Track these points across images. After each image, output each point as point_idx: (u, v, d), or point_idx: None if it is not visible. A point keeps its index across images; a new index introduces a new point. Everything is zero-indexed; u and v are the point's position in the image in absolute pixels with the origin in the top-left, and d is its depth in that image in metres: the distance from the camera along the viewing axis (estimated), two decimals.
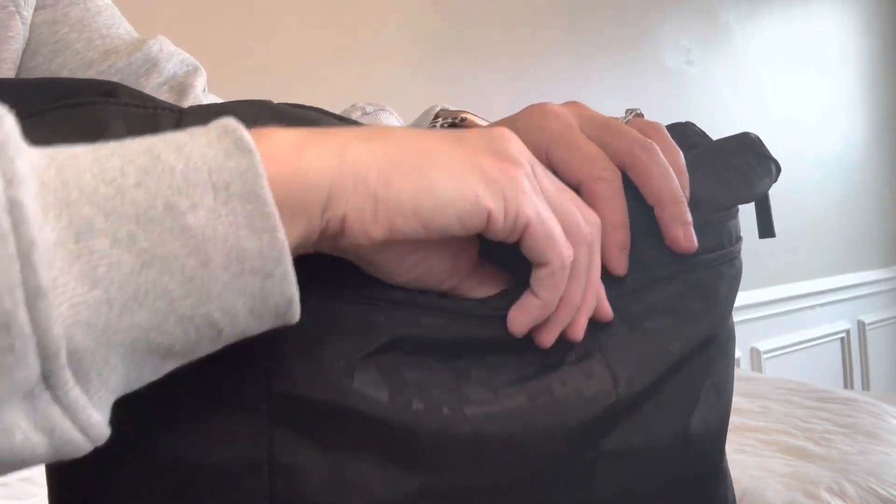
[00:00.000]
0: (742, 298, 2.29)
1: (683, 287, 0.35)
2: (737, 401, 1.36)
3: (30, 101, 0.29)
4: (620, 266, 0.35)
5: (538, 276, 0.31)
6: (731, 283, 0.38)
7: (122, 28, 0.57)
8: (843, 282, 2.73)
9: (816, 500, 0.89)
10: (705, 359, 0.37)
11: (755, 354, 2.40)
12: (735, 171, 0.38)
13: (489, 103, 1.80)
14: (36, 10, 0.53)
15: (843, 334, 2.74)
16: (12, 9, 0.51)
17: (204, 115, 0.31)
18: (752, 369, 2.36)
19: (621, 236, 0.34)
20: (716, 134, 0.43)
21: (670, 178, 0.35)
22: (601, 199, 0.34)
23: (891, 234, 2.98)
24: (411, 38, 1.72)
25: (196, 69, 0.57)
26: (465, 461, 0.31)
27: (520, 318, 0.32)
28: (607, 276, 0.34)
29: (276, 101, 0.37)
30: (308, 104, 0.36)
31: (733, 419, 1.25)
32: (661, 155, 0.35)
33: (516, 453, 0.32)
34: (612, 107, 0.53)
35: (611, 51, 2.09)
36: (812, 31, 2.70)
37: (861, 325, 2.81)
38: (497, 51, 1.85)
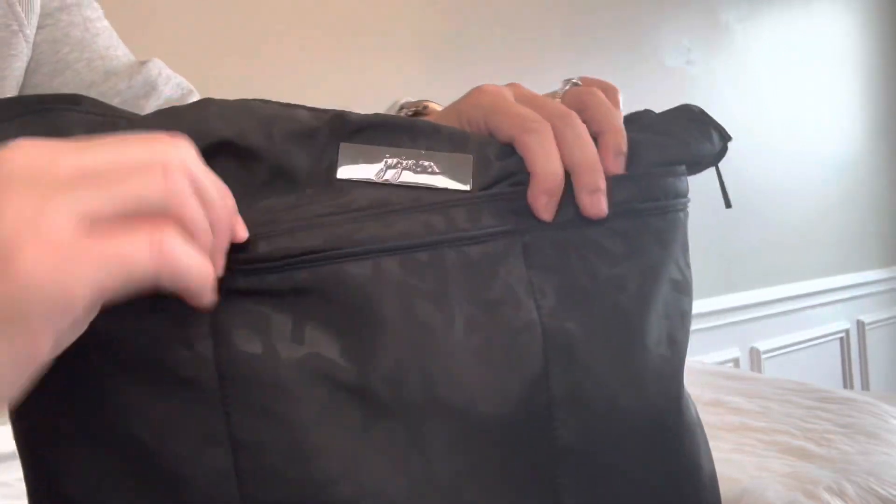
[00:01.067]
0: (742, 298, 2.31)
1: (608, 230, 0.37)
2: (736, 400, 1.36)
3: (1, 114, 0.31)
4: (546, 211, 0.36)
5: None
6: (660, 235, 0.39)
7: (120, 50, 0.58)
8: (842, 282, 2.74)
9: (816, 500, 0.89)
10: (640, 303, 0.38)
11: (755, 354, 2.40)
12: (671, 133, 0.40)
13: None
14: (38, 28, 0.54)
15: (843, 334, 2.74)
16: (16, 27, 0.52)
17: (150, 120, 0.33)
18: (752, 369, 2.36)
19: (552, 183, 0.35)
20: None
21: (585, 146, 0.36)
22: (530, 150, 0.35)
23: (890, 234, 2.98)
24: (412, 39, 1.72)
25: (190, 92, 0.60)
26: (421, 407, 0.33)
27: None
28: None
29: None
30: (302, 104, 0.37)
31: (733, 419, 1.25)
32: (579, 125, 0.36)
33: (465, 396, 0.34)
34: None
35: (611, 51, 2.09)
36: (812, 31, 2.70)
37: (860, 325, 2.81)
38: (497, 52, 1.86)
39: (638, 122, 0.41)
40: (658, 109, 0.43)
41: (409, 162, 0.35)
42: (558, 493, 0.36)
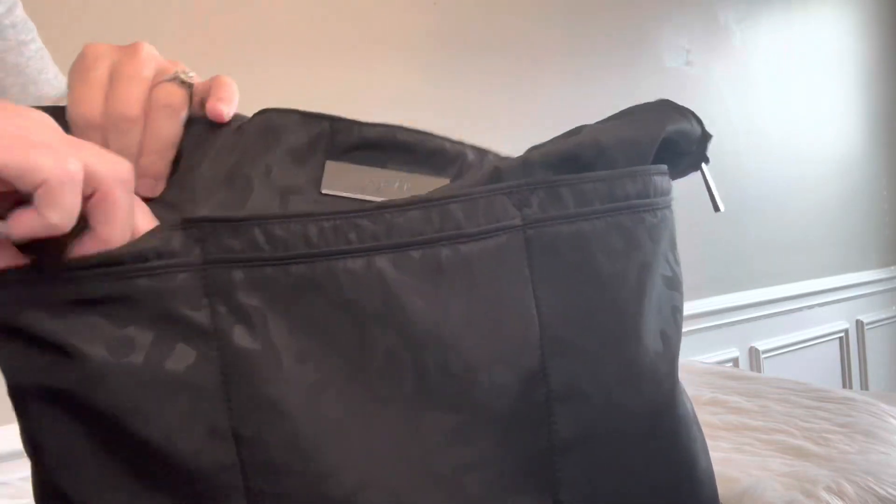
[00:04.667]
0: (741, 298, 2.31)
1: (611, 224, 0.38)
2: (736, 400, 1.36)
3: None
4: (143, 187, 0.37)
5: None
6: (653, 231, 0.40)
7: (51, 72, 0.61)
8: (841, 281, 2.74)
9: (815, 500, 0.89)
10: (637, 298, 0.38)
11: (754, 354, 2.41)
12: (648, 113, 0.41)
13: (489, 105, 1.81)
14: None
15: (842, 334, 2.74)
16: None
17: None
18: (752, 368, 2.37)
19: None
20: (715, 134, 0.43)
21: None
22: None
23: (889, 234, 2.98)
24: (412, 41, 1.72)
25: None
26: (419, 399, 0.34)
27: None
28: (553, 200, 0.37)
29: (273, 105, 0.40)
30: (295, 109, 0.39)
31: (732, 418, 1.25)
32: None
33: (463, 389, 0.34)
34: (611, 107, 0.54)
35: (610, 52, 2.09)
36: (811, 32, 2.70)
37: (859, 325, 2.81)
38: (497, 53, 1.86)
39: (619, 114, 0.42)
40: None
41: (392, 187, 0.37)
42: (556, 486, 0.36)
